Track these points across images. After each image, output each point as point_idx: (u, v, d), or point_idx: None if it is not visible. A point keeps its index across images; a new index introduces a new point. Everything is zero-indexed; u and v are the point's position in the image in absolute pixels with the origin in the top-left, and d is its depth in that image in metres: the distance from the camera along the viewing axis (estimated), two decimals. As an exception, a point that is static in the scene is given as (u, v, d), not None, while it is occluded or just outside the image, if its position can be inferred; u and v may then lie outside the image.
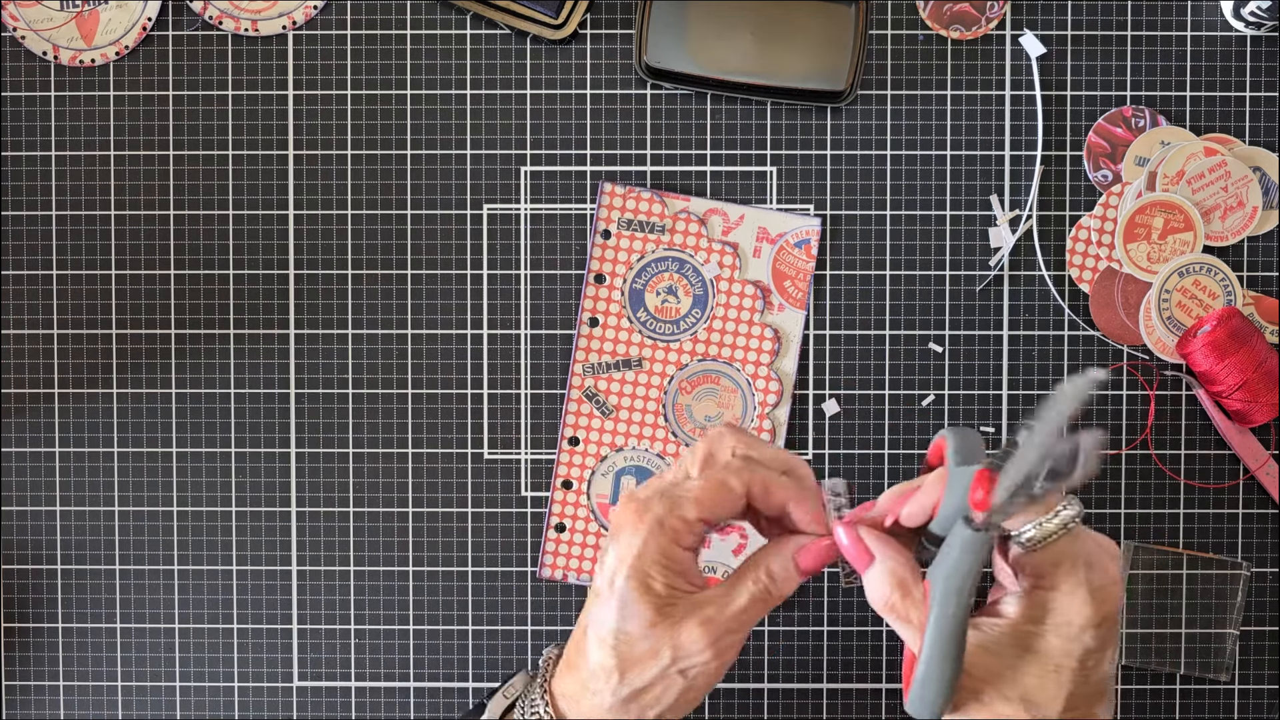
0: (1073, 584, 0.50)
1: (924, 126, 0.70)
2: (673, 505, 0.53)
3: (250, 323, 0.71)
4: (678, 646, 0.52)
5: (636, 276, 0.70)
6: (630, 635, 0.52)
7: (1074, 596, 0.50)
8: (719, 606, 0.53)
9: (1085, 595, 0.50)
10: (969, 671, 0.51)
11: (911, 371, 0.70)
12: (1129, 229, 0.69)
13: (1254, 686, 0.70)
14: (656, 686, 0.53)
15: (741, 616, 0.53)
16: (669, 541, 0.52)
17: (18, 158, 0.70)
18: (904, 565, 0.52)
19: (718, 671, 0.53)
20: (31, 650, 0.71)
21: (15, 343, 0.71)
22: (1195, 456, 0.70)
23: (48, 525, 0.71)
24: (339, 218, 0.71)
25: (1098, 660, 0.51)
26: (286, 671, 0.71)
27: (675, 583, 0.53)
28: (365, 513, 0.71)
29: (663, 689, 0.53)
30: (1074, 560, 0.51)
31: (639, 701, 0.53)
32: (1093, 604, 0.50)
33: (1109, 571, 0.51)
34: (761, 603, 0.53)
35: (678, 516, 0.52)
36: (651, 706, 0.53)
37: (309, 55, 0.70)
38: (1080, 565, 0.51)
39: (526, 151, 0.70)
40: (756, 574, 0.53)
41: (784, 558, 0.54)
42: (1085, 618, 0.50)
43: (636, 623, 0.52)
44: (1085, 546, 0.51)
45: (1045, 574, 0.51)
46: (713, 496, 0.53)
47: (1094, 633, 0.50)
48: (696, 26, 0.68)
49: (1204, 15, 0.70)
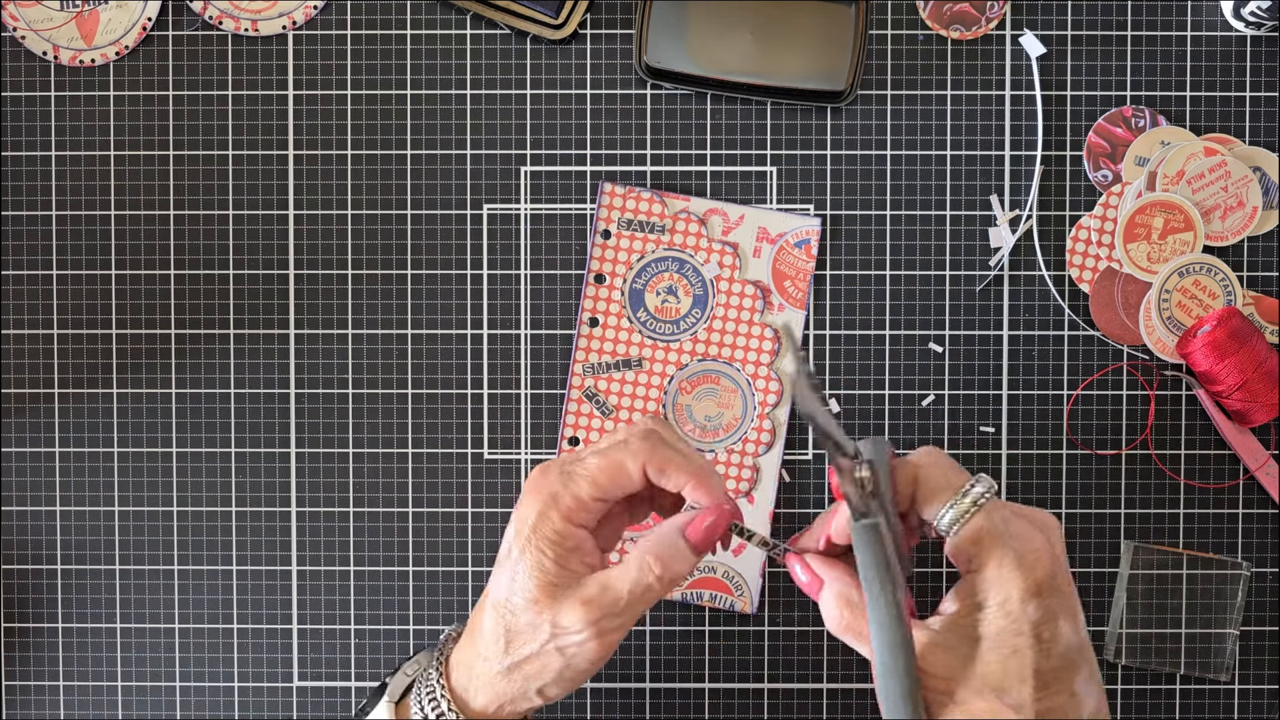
0: (998, 558, 0.50)
1: (924, 126, 0.70)
2: (568, 481, 0.53)
3: (250, 323, 0.71)
4: (556, 624, 0.52)
5: (636, 276, 0.70)
6: (515, 607, 0.53)
7: (1001, 569, 0.50)
8: (602, 587, 0.52)
9: (1012, 565, 0.50)
10: (935, 673, 0.50)
11: (911, 371, 0.70)
12: (1129, 229, 0.69)
13: (1254, 686, 0.70)
14: (536, 660, 0.53)
15: (624, 601, 0.52)
16: (561, 519, 0.52)
17: (18, 158, 0.70)
18: (850, 584, 0.52)
19: (598, 652, 0.52)
20: (31, 650, 0.71)
21: (15, 343, 0.71)
22: (1195, 456, 0.70)
23: (48, 525, 0.71)
24: (339, 218, 0.71)
25: (1053, 631, 0.50)
26: (286, 671, 0.71)
27: (566, 561, 0.52)
28: (365, 513, 0.71)
29: (542, 664, 0.53)
30: (993, 534, 0.50)
31: (521, 672, 0.53)
32: (1021, 572, 0.50)
33: (1032, 538, 0.51)
34: (647, 588, 0.52)
35: (572, 494, 0.53)
36: (532, 679, 0.53)
37: (309, 55, 0.70)
38: (1000, 537, 0.50)
39: (526, 151, 0.70)
40: (644, 558, 0.52)
41: (672, 536, 0.53)
42: (1020, 589, 0.50)
43: (522, 596, 0.53)
44: (1001, 517, 0.51)
45: (972, 556, 0.51)
46: (608, 475, 0.53)
47: (1036, 603, 0.50)
48: (696, 26, 0.68)
49: (1204, 15, 0.70)
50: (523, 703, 0.54)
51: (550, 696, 0.54)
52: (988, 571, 0.50)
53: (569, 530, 0.53)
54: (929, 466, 0.53)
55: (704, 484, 0.53)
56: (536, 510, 0.53)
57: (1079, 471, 0.70)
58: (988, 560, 0.50)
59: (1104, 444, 0.70)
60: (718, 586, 0.70)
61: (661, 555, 0.52)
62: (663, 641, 0.70)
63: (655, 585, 0.52)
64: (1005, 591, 0.50)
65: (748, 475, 0.70)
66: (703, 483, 0.53)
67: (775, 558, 0.56)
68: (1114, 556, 0.70)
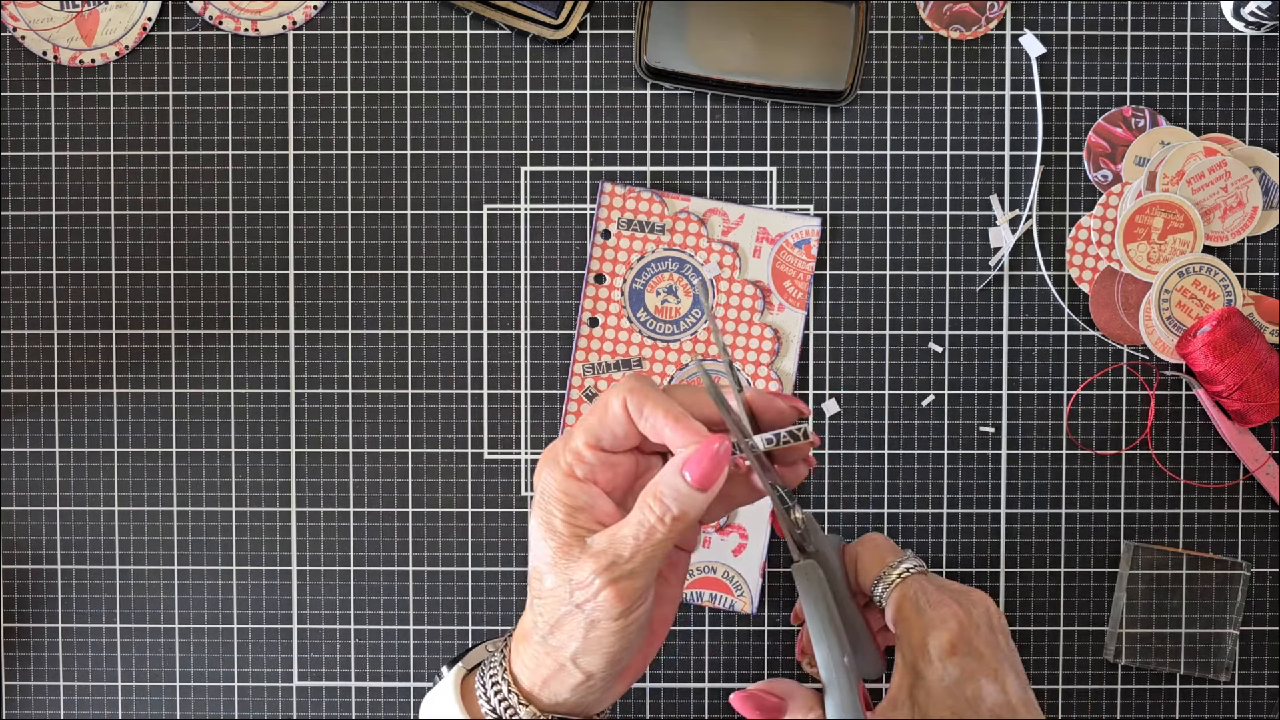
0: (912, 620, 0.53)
1: (924, 126, 0.70)
2: (567, 439, 0.53)
3: (250, 323, 0.71)
4: (573, 580, 0.51)
5: (636, 276, 0.70)
6: (540, 572, 0.53)
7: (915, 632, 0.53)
8: (610, 538, 0.51)
9: (922, 628, 0.53)
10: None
11: (911, 371, 0.70)
12: (1129, 229, 0.69)
13: (1254, 686, 0.70)
14: (564, 625, 0.52)
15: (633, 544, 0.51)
16: (564, 475, 0.52)
17: (18, 158, 0.70)
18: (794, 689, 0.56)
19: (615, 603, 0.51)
20: (31, 650, 0.71)
21: (15, 343, 0.71)
22: (1195, 456, 0.70)
23: (48, 525, 0.71)
24: (339, 218, 0.71)
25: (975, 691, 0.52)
26: (286, 671, 0.71)
27: (577, 519, 0.52)
28: (365, 513, 0.71)
29: (569, 627, 0.52)
30: (913, 601, 0.54)
31: (554, 640, 0.53)
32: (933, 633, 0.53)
33: (943, 603, 0.54)
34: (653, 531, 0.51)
35: (569, 449, 0.53)
36: (564, 646, 0.52)
37: (309, 55, 0.70)
38: (912, 604, 0.54)
39: (526, 151, 0.70)
40: (645, 499, 0.51)
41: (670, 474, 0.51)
42: (934, 649, 0.53)
43: (543, 559, 0.52)
44: (918, 586, 0.54)
45: (895, 622, 0.54)
46: (595, 418, 0.52)
47: (950, 662, 0.52)
48: (696, 26, 0.68)
49: (1204, 15, 0.70)
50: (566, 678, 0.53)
51: (587, 669, 0.52)
52: (912, 636, 0.53)
53: (572, 486, 0.52)
54: (865, 547, 0.57)
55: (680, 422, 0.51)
56: (543, 475, 0.53)
57: (1079, 471, 0.70)
58: (912, 627, 0.54)
59: (1104, 444, 0.70)
60: (718, 586, 0.70)
61: (661, 495, 0.51)
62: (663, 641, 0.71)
63: (659, 527, 0.51)
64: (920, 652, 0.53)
65: (748, 475, 0.70)
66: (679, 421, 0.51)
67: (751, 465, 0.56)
68: (1114, 556, 0.70)
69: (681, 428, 0.51)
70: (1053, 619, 0.70)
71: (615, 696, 0.55)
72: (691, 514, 0.51)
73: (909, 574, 0.55)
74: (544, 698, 0.53)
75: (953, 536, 0.70)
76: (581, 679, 0.53)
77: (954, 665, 0.52)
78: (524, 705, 0.53)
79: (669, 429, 0.51)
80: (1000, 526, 0.70)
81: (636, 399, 0.52)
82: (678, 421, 0.51)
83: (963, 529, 0.70)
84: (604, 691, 0.54)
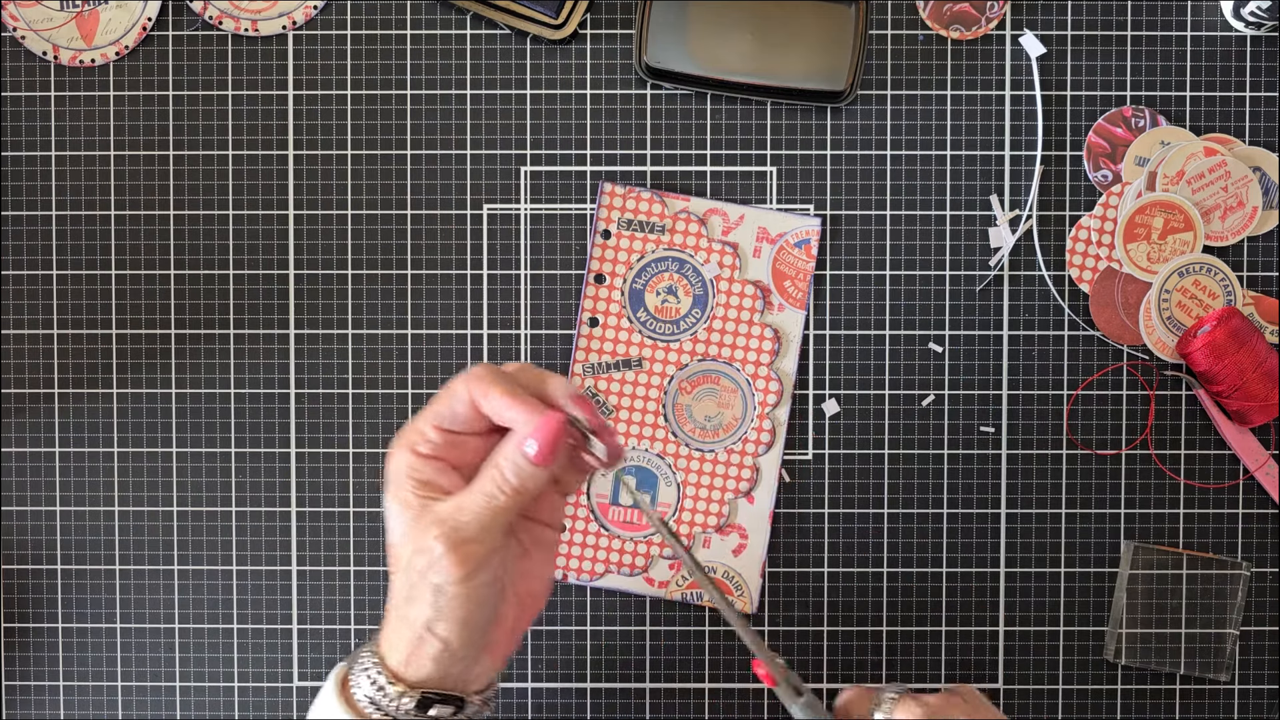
0: None
1: (924, 126, 0.70)
2: (414, 420, 0.55)
3: (250, 323, 0.71)
4: (420, 549, 0.53)
5: (636, 276, 0.70)
6: (394, 545, 0.55)
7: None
8: (455, 506, 0.54)
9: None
10: None
11: (911, 371, 0.70)
12: (1129, 229, 0.69)
13: (1254, 686, 0.70)
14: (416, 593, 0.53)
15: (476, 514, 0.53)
16: (411, 454, 0.54)
17: (18, 158, 0.70)
18: None
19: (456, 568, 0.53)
20: (31, 650, 0.71)
21: (15, 343, 0.71)
22: (1195, 456, 0.70)
23: (48, 525, 0.71)
24: (339, 218, 0.71)
25: None
26: (286, 671, 0.71)
27: (423, 492, 0.54)
28: (365, 513, 0.71)
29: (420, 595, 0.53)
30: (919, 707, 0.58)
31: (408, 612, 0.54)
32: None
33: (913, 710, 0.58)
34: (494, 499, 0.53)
35: (415, 429, 0.55)
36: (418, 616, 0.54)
37: (309, 55, 0.70)
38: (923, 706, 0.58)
39: (526, 151, 0.70)
40: (489, 471, 0.54)
41: (512, 449, 0.54)
42: None
43: (396, 533, 0.54)
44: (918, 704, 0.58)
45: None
46: (441, 402, 0.55)
47: None
48: (696, 26, 0.68)
49: (1204, 15, 0.70)
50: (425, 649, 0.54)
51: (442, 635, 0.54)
52: None
53: (419, 463, 0.54)
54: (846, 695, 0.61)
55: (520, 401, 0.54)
56: (394, 457, 0.55)
57: (1079, 471, 0.70)
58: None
59: (1104, 444, 0.70)
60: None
61: (501, 467, 0.54)
62: (663, 641, 0.70)
63: (500, 496, 0.53)
64: None
65: (747, 475, 0.70)
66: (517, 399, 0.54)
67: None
68: (1114, 556, 0.70)
69: (521, 405, 0.54)
70: (1053, 619, 0.70)
71: (486, 672, 0.56)
72: (530, 486, 0.54)
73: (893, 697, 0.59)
74: (409, 675, 0.54)
75: (953, 536, 0.70)
76: (440, 647, 0.54)
77: None
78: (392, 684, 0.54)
79: (508, 409, 0.54)
80: (1000, 526, 0.70)
81: (481, 385, 0.54)
82: (516, 399, 0.54)
83: (963, 529, 0.70)
84: (467, 663, 0.55)
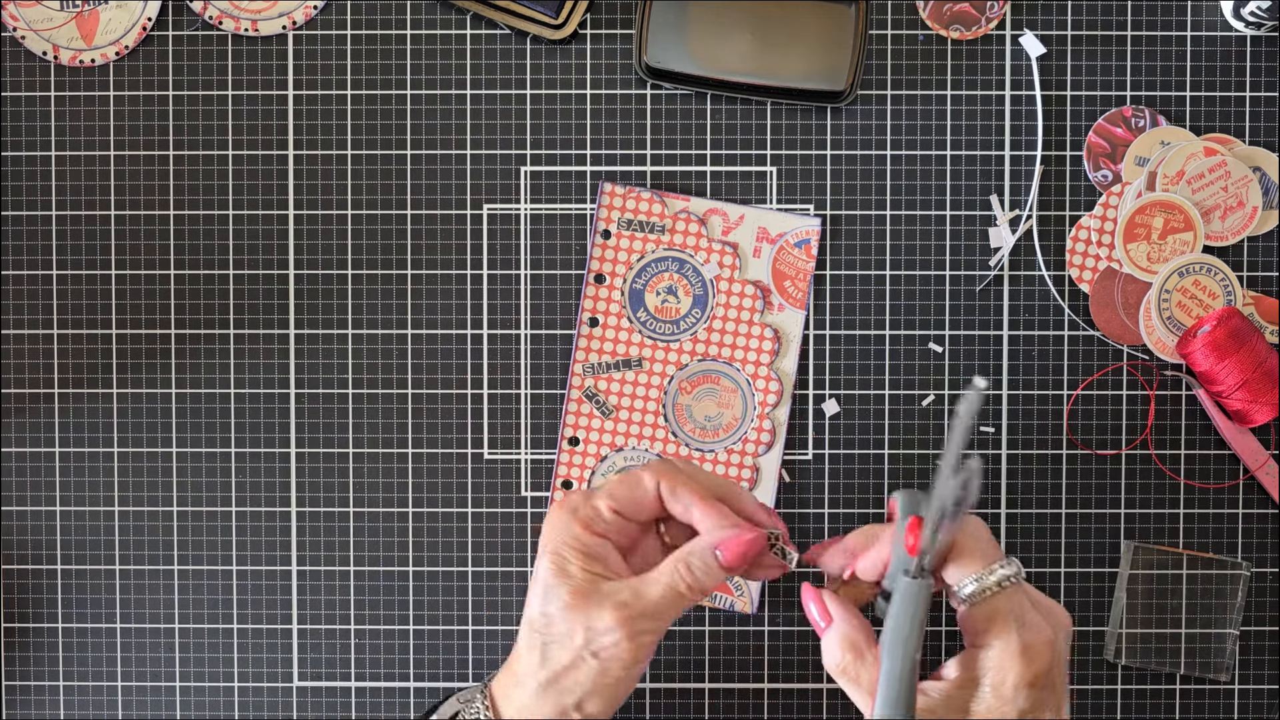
0: (1005, 640, 0.52)
1: (924, 126, 0.70)
2: (587, 496, 0.56)
3: (250, 323, 0.71)
4: (590, 628, 0.54)
5: (636, 276, 0.70)
6: (550, 616, 0.55)
7: (1005, 653, 0.52)
8: (634, 592, 0.54)
9: (1016, 651, 0.52)
10: None
11: (911, 371, 0.70)
12: (1129, 229, 0.69)
13: (1254, 686, 0.70)
14: (572, 670, 0.54)
15: (657, 605, 0.54)
16: (581, 528, 0.55)
17: (18, 158, 0.70)
18: (857, 629, 0.54)
19: (631, 654, 0.54)
20: (31, 650, 0.71)
21: (15, 343, 0.71)
22: (1195, 456, 0.70)
23: (48, 525, 0.71)
24: (339, 218, 0.71)
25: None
26: (286, 671, 0.71)
27: (592, 567, 0.55)
28: (365, 513, 0.71)
29: (578, 673, 0.54)
30: (1006, 616, 0.52)
31: (558, 686, 0.54)
32: (1022, 660, 0.52)
33: (1042, 630, 0.53)
34: (679, 595, 0.55)
35: (590, 505, 0.56)
36: (570, 691, 0.54)
37: (309, 55, 0.70)
38: (1012, 621, 0.52)
39: (526, 151, 0.70)
40: (676, 566, 0.55)
41: (704, 551, 0.55)
42: (1017, 674, 0.52)
43: (555, 604, 0.54)
44: (1019, 603, 0.53)
45: (981, 631, 0.53)
46: (624, 488, 0.56)
47: (1027, 693, 0.52)
48: (696, 26, 0.68)
49: (1204, 15, 0.70)
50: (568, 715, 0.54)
51: (590, 713, 0.54)
52: (992, 651, 0.53)
53: (589, 539, 0.55)
54: (969, 535, 0.54)
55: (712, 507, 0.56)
56: (557, 524, 0.56)
57: (1079, 471, 0.70)
58: (995, 639, 0.53)
59: (1104, 444, 0.70)
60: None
61: (694, 566, 0.55)
62: (663, 641, 0.70)
63: (686, 593, 0.55)
64: (1003, 674, 0.52)
65: (747, 475, 0.70)
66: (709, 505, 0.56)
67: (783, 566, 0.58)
68: (1114, 556, 0.70)
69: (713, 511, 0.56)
70: (1053, 619, 0.70)
71: None
72: (710, 586, 0.55)
73: (1010, 584, 0.53)
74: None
75: (953, 536, 0.70)
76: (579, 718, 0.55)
77: (1028, 695, 0.52)
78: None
79: (700, 512, 0.56)
80: (1000, 526, 0.70)
81: (670, 481, 0.56)
82: (709, 504, 0.56)
83: (963, 529, 0.70)
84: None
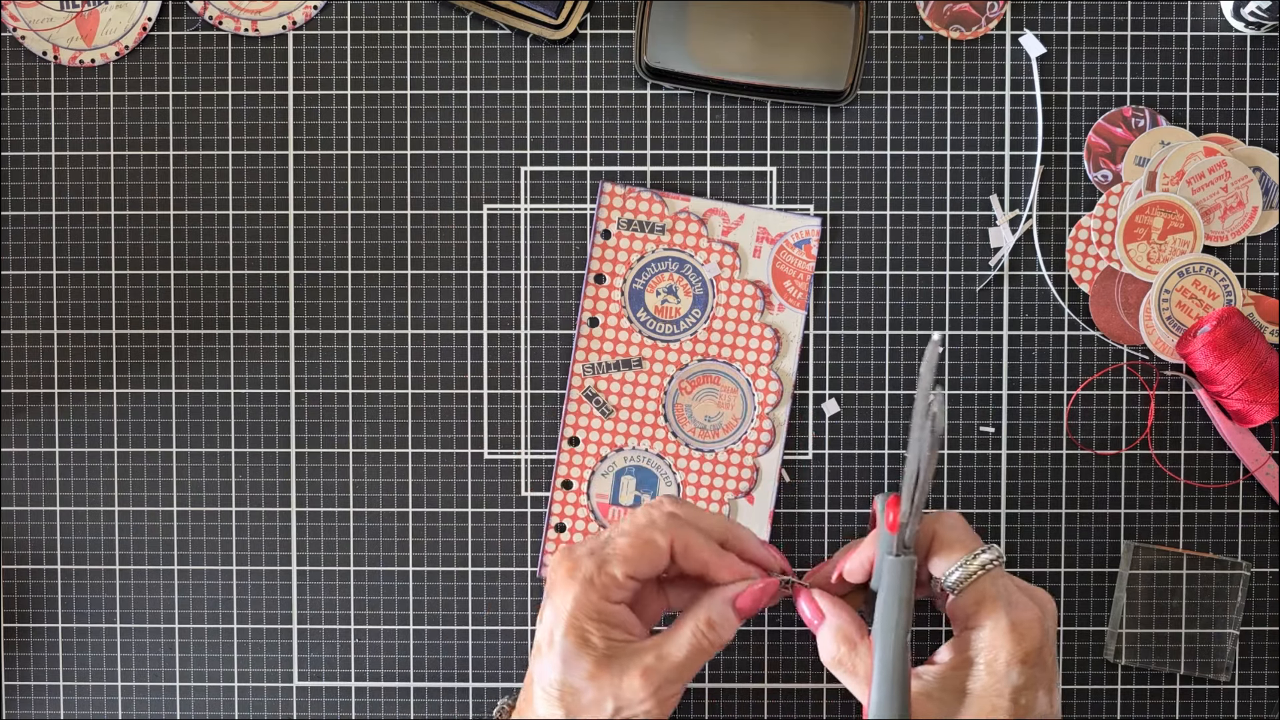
0: (995, 619, 0.55)
1: (924, 126, 0.70)
2: (601, 563, 0.56)
3: (250, 323, 0.71)
4: (619, 696, 0.55)
5: (636, 276, 0.70)
6: (575, 687, 0.55)
7: (996, 631, 0.54)
8: (659, 656, 0.55)
9: (1006, 628, 0.54)
10: None
11: (911, 371, 0.70)
12: (1129, 229, 0.69)
13: (1254, 686, 0.70)
14: None
15: (681, 666, 0.55)
16: (599, 598, 0.55)
17: (18, 158, 0.70)
18: (849, 622, 0.57)
19: (658, 715, 0.55)
20: (31, 650, 0.71)
21: (15, 343, 0.71)
22: (1195, 456, 0.70)
23: (48, 525, 0.71)
24: (339, 218, 0.71)
25: (1030, 699, 0.54)
26: (286, 671, 0.71)
27: (612, 634, 0.55)
28: (365, 513, 0.71)
29: None
30: (994, 598, 0.55)
31: None
32: (1013, 637, 0.54)
33: (1030, 609, 0.55)
34: (701, 652, 0.56)
35: (606, 574, 0.56)
36: None
37: (309, 55, 0.70)
38: (1000, 601, 0.55)
39: (526, 151, 0.70)
40: (695, 624, 0.56)
41: (721, 605, 0.57)
42: (1009, 652, 0.54)
43: (579, 675, 0.55)
44: (1005, 585, 0.56)
45: (970, 614, 0.56)
46: (638, 552, 0.56)
47: (1020, 669, 0.54)
48: (696, 26, 0.68)
49: (1204, 15, 0.70)
50: None
51: None
52: (983, 631, 0.55)
53: (609, 608, 0.56)
54: (948, 526, 0.58)
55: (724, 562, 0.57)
56: (574, 595, 0.56)
57: (1079, 471, 0.70)
58: (985, 620, 0.55)
59: (1104, 444, 0.70)
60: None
61: (715, 623, 0.56)
62: (663, 641, 0.71)
63: (708, 649, 0.56)
64: (995, 652, 0.54)
65: (747, 475, 0.70)
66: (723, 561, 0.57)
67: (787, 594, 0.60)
68: (1114, 556, 0.70)
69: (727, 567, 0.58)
70: (1053, 619, 0.70)
71: None
72: (730, 637, 0.57)
73: (993, 567, 0.56)
74: None
75: (953, 536, 0.70)
76: None
77: (1020, 672, 0.54)
78: None
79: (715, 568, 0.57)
80: (1000, 526, 0.70)
81: (682, 540, 0.57)
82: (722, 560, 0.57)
83: (963, 529, 0.70)
84: None
